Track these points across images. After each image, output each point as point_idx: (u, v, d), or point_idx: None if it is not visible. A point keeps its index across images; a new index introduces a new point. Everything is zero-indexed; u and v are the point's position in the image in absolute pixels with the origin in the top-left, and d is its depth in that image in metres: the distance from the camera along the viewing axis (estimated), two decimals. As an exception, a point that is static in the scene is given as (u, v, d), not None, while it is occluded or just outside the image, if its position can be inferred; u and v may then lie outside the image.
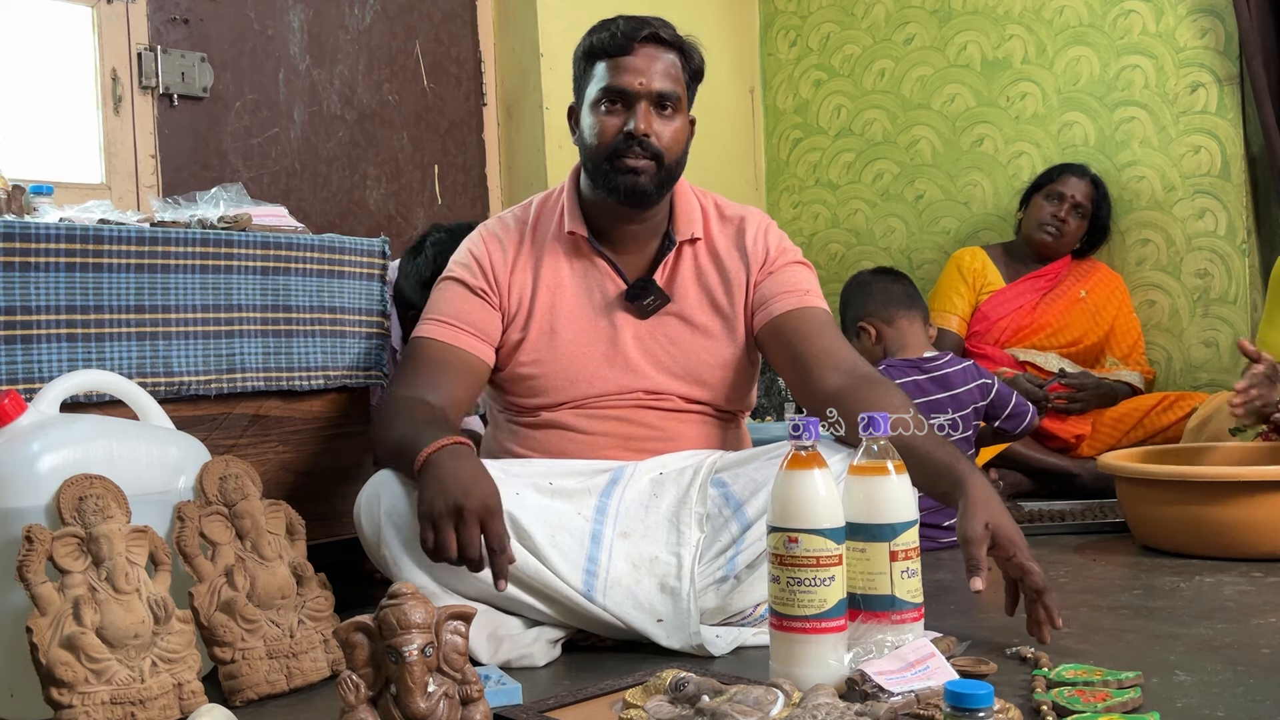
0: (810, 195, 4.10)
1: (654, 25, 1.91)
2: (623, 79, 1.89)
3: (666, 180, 1.94)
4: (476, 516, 1.58)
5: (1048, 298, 3.38)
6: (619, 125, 1.90)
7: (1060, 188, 3.36)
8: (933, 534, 2.41)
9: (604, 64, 1.92)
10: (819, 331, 1.94)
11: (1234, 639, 1.65)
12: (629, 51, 1.90)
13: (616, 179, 1.91)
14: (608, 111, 1.91)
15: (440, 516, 1.58)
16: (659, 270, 2.00)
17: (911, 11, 3.87)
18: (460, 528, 1.58)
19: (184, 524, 1.59)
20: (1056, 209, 3.35)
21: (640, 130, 1.88)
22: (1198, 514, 2.21)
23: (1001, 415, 2.57)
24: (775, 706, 1.27)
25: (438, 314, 1.97)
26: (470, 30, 3.46)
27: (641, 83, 1.89)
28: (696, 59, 1.97)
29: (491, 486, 1.62)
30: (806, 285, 2.00)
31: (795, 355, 1.92)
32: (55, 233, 1.70)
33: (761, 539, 1.70)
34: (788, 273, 2.00)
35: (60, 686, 1.35)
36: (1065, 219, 3.35)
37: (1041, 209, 3.38)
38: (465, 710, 1.22)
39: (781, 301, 1.97)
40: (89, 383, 1.69)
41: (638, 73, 1.89)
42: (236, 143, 2.88)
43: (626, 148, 1.89)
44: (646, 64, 1.90)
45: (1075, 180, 3.37)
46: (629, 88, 1.89)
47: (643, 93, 1.89)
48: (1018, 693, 1.43)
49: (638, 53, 1.90)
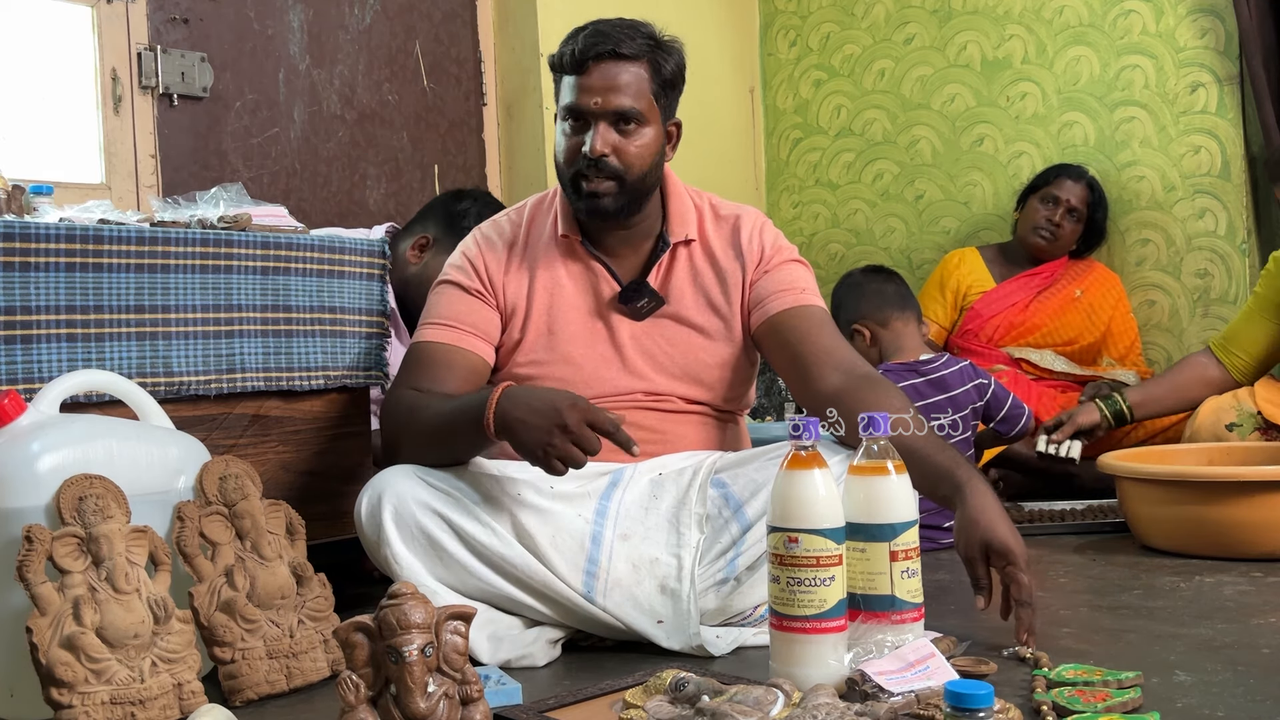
0: (810, 195, 4.10)
1: (614, 40, 1.87)
2: (579, 99, 1.88)
3: (634, 196, 1.92)
4: (578, 416, 1.62)
5: (1041, 296, 3.38)
6: (579, 146, 1.89)
7: (1055, 191, 3.36)
8: (933, 534, 2.41)
9: (566, 80, 1.91)
10: (818, 330, 1.93)
11: (1234, 639, 1.65)
12: (584, 70, 1.87)
13: (577, 201, 1.93)
14: (570, 131, 1.91)
15: (550, 434, 1.62)
16: (653, 272, 1.99)
17: (911, 11, 3.87)
18: (572, 435, 1.62)
19: (184, 524, 1.59)
20: (1051, 212, 3.35)
21: (596, 152, 1.87)
22: (1198, 514, 2.21)
23: (997, 416, 2.56)
24: (775, 706, 1.27)
25: (436, 317, 1.97)
26: (470, 30, 3.46)
27: (597, 102, 1.87)
28: (670, 66, 1.93)
29: (565, 391, 1.68)
30: (803, 284, 1.99)
31: (794, 355, 1.92)
32: (55, 233, 1.70)
33: (762, 540, 1.70)
34: (784, 271, 2.00)
35: (60, 686, 1.36)
36: (1060, 223, 3.34)
37: (1036, 212, 3.38)
38: (465, 710, 1.22)
39: (778, 300, 1.96)
40: (89, 383, 1.68)
41: (593, 92, 1.87)
42: (236, 143, 2.88)
43: (586, 169, 1.89)
44: (603, 82, 1.87)
45: (1070, 183, 3.36)
46: (585, 107, 1.88)
47: (599, 112, 1.87)
48: (1018, 693, 1.43)
49: (593, 72, 1.87)
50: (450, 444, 1.78)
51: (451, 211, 2.51)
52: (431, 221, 2.54)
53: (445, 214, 2.52)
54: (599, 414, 1.64)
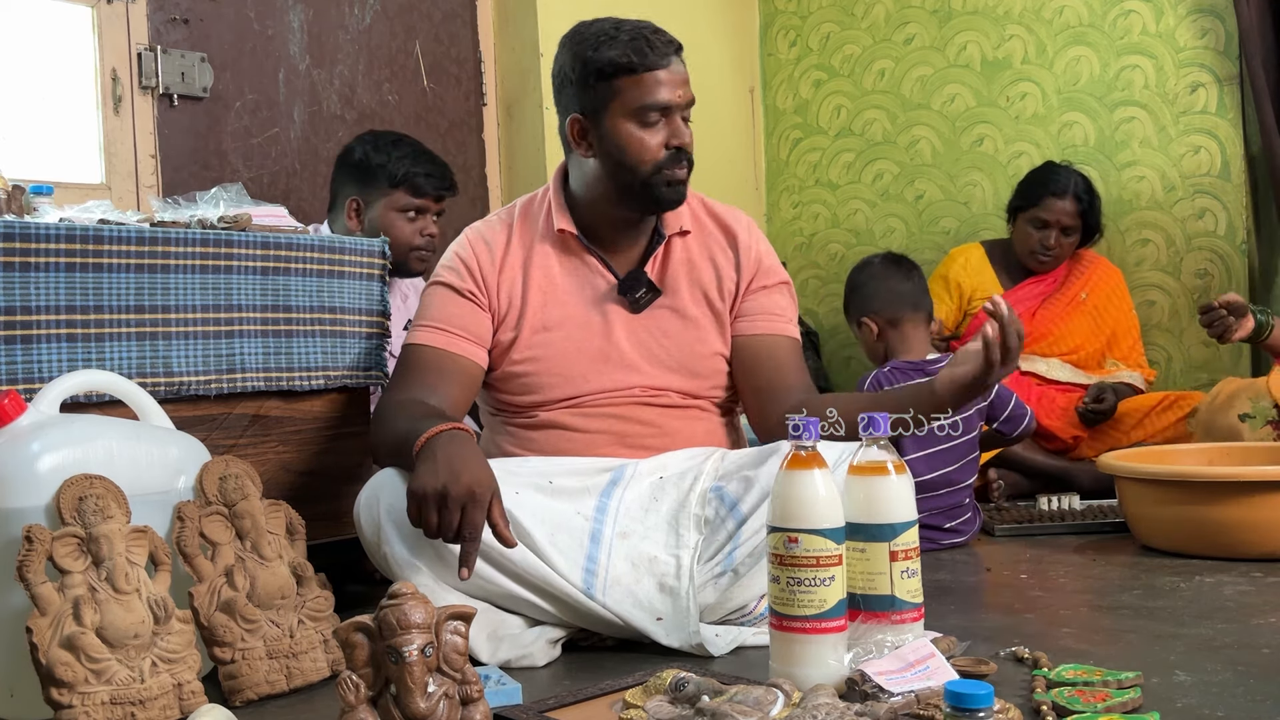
0: (810, 195, 4.10)
1: (667, 36, 1.93)
2: (662, 94, 1.91)
3: None
4: (459, 501, 1.59)
5: (1048, 303, 3.33)
6: (662, 140, 1.92)
7: (1043, 214, 3.24)
8: (933, 535, 2.41)
9: (631, 79, 1.90)
10: (789, 362, 2.03)
11: (1234, 639, 1.65)
12: (666, 65, 1.91)
13: (662, 192, 1.94)
14: (646, 127, 1.92)
15: (425, 497, 1.59)
16: (649, 264, 2.01)
17: (911, 11, 3.87)
18: (442, 510, 1.59)
19: (184, 524, 1.59)
20: (1044, 236, 3.26)
21: (689, 144, 1.94)
22: (1198, 514, 2.21)
23: (1000, 417, 2.56)
24: (775, 706, 1.27)
25: (429, 320, 1.97)
26: (470, 30, 3.46)
27: (680, 95, 1.93)
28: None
29: (482, 474, 1.62)
30: (790, 313, 2.08)
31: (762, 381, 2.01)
32: (55, 233, 1.70)
33: (758, 531, 1.71)
34: (775, 294, 2.06)
35: (60, 686, 1.36)
36: (1054, 245, 3.26)
37: (1029, 237, 3.28)
38: (465, 710, 1.22)
39: (763, 322, 2.03)
40: (89, 383, 1.69)
41: (675, 85, 1.92)
42: (236, 143, 2.88)
43: (675, 161, 1.93)
44: (679, 76, 1.93)
45: (1058, 203, 3.23)
46: (672, 101, 1.91)
47: (682, 104, 1.93)
48: (1018, 693, 1.43)
49: (672, 66, 1.92)
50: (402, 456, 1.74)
51: (353, 165, 2.60)
52: (347, 185, 2.61)
53: (353, 172, 2.60)
54: (474, 516, 1.59)
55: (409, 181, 2.57)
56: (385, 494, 1.75)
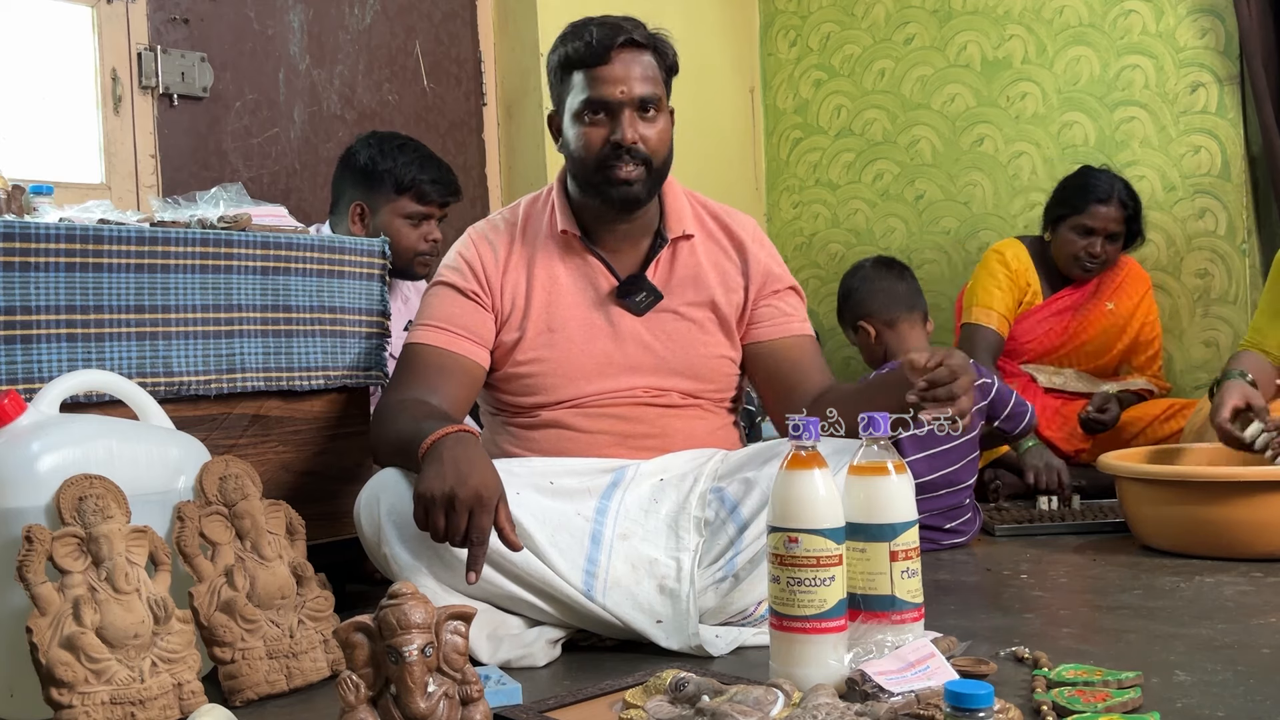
0: (810, 195, 4.10)
1: (627, 29, 1.91)
2: (603, 90, 1.89)
3: (657, 181, 1.97)
4: (467, 506, 1.59)
5: (1077, 314, 3.25)
6: (604, 135, 1.90)
7: (1088, 222, 3.15)
8: (933, 535, 2.41)
9: (582, 74, 1.91)
10: (809, 359, 2.04)
11: (1234, 639, 1.65)
12: (606, 60, 1.89)
13: (609, 190, 1.92)
14: (591, 123, 1.91)
15: (432, 501, 1.59)
16: (651, 267, 2.01)
17: (911, 11, 3.87)
18: (450, 514, 1.59)
19: (184, 524, 1.59)
20: (1090, 244, 3.17)
21: (629, 140, 1.89)
22: (1198, 514, 2.21)
23: (1001, 415, 2.56)
24: (775, 706, 1.27)
25: (431, 319, 1.97)
26: (470, 30, 3.46)
27: (623, 91, 1.89)
28: (670, 54, 1.98)
29: (489, 477, 1.62)
30: (802, 313, 2.09)
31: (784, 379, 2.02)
32: (55, 233, 1.70)
33: (759, 537, 1.71)
34: (785, 299, 2.07)
35: (60, 686, 1.36)
36: (1100, 252, 3.17)
37: (1073, 244, 3.18)
38: (465, 710, 1.22)
39: (780, 326, 2.04)
40: (89, 383, 1.68)
41: (618, 81, 1.89)
42: (236, 143, 2.88)
43: (615, 158, 1.90)
44: (625, 71, 1.89)
45: (1102, 209, 3.13)
46: (611, 98, 1.89)
47: (625, 100, 1.89)
48: (1018, 693, 1.43)
49: (615, 60, 1.89)
50: (406, 457, 1.75)
51: (358, 169, 2.58)
52: (351, 189, 2.59)
53: (357, 176, 2.58)
54: (482, 520, 1.59)
55: (415, 188, 2.55)
56: (386, 494, 1.75)
